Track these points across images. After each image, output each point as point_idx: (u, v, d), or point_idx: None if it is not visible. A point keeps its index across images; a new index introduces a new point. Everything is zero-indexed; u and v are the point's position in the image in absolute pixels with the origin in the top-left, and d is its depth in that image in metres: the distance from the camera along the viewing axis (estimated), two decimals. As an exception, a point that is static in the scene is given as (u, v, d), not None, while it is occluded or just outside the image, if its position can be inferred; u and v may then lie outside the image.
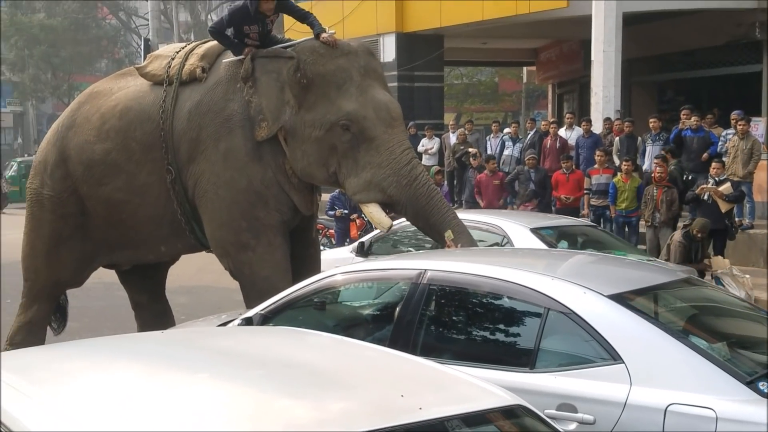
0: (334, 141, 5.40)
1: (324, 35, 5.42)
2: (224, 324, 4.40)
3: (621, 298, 3.47)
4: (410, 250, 7.68)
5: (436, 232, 5.43)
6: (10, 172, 23.26)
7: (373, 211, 5.51)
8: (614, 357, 3.26)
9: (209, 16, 33.73)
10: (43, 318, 6.40)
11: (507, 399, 2.56)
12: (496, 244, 6.86)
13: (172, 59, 5.82)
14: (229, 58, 5.63)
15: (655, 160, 10.52)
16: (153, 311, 6.68)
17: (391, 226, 5.68)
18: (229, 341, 3.13)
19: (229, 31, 5.63)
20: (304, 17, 5.64)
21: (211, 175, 5.56)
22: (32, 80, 38.70)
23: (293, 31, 5.77)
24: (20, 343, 5.99)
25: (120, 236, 6.02)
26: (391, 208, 5.59)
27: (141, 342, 3.30)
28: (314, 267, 5.81)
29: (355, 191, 5.47)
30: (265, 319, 4.10)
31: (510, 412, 2.51)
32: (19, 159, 27.53)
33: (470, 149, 13.26)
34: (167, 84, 5.71)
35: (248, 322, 4.09)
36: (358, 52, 5.56)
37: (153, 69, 5.87)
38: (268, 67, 5.46)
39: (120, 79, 6.20)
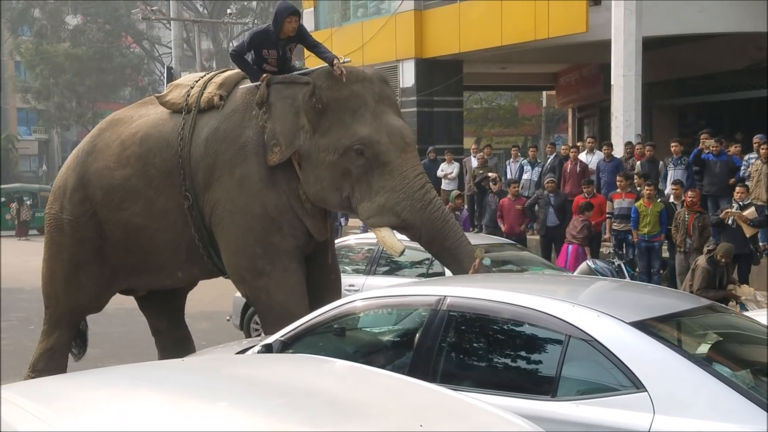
0: (348, 165, 5.42)
1: (336, 62, 5.45)
2: (245, 350, 4.40)
3: (643, 325, 3.43)
4: (347, 270, 7.74)
5: (450, 255, 5.42)
6: None
7: (386, 236, 5.50)
8: (637, 385, 3.22)
9: (231, 44, 34.18)
10: (65, 344, 6.44)
11: (526, 428, 2.54)
12: (427, 260, 7.32)
13: (191, 88, 5.89)
14: (246, 85, 5.68)
15: (673, 186, 10.45)
16: (173, 338, 6.70)
17: (404, 250, 5.66)
18: (249, 370, 3.13)
19: (249, 56, 5.68)
20: (313, 46, 5.68)
21: (227, 202, 5.60)
22: (57, 108, 39.39)
23: (313, 57, 5.80)
24: (42, 370, 6.04)
25: (138, 261, 6.06)
26: (404, 232, 5.57)
27: (161, 370, 3.31)
28: (334, 293, 5.81)
29: (368, 215, 5.46)
30: (285, 345, 4.10)
31: (530, 442, 2.49)
32: (2, 186, 27.93)
33: (490, 174, 13.25)
34: (186, 112, 5.78)
35: (268, 348, 4.08)
36: (372, 79, 5.59)
37: (172, 98, 5.95)
38: (283, 93, 5.50)
39: (141, 107, 6.29)
